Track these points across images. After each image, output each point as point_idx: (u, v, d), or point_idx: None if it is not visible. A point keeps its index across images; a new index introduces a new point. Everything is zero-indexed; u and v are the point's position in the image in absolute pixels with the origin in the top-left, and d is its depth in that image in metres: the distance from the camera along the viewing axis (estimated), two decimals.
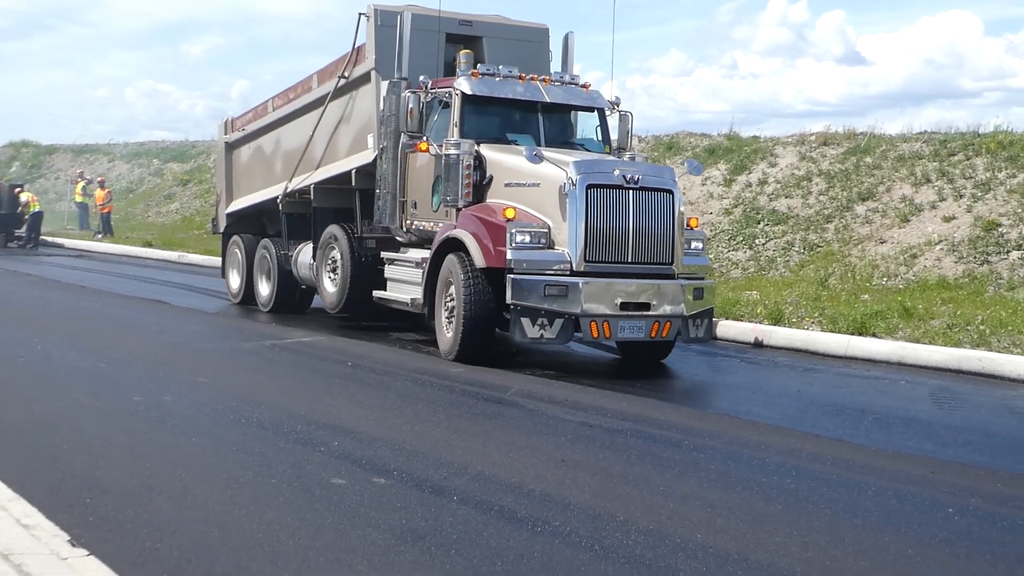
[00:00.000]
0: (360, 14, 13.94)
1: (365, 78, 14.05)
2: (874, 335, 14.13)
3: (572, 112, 13.84)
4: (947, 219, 18.91)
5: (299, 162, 15.60)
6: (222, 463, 7.01)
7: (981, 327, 13.90)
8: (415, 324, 14.46)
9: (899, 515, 6.43)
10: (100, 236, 35.80)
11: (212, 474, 6.70)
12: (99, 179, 39.79)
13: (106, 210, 36.71)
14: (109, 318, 15.49)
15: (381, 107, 13.48)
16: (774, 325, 14.71)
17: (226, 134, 18.62)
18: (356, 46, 14.18)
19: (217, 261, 27.16)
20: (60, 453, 7.10)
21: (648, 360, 12.52)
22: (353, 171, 14.33)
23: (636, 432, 8.56)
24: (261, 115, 17.38)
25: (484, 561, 5.25)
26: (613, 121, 13.97)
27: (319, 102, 15.21)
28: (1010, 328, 13.69)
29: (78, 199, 39.37)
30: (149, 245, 31.82)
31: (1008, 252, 17.43)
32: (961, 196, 19.28)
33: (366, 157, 14.02)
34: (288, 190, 15.88)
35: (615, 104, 13.89)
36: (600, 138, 13.80)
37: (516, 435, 8.37)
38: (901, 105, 68.47)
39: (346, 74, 14.38)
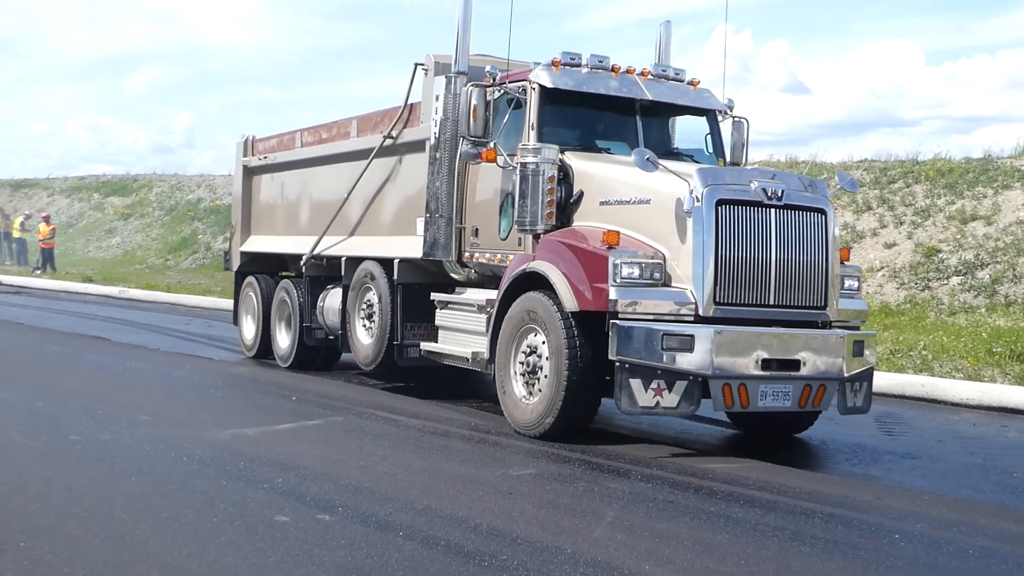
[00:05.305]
0: (416, 65, 11.74)
1: (418, 146, 11.69)
2: None
3: (671, 117, 11.33)
4: (888, 246, 19.18)
5: (331, 221, 13.23)
6: (162, 502, 6.86)
7: (923, 352, 14.07)
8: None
9: (846, 542, 6.44)
10: (39, 272, 35.34)
11: (152, 514, 6.55)
12: (43, 214, 39.39)
13: (48, 245, 36.28)
14: (47, 355, 15.20)
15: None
16: None
17: (245, 156, 16.21)
18: (409, 102, 11.99)
19: (162, 296, 27.29)
20: None
21: (782, 434, 10.14)
22: (396, 261, 11.80)
23: (582, 463, 8.52)
24: (288, 146, 15.17)
25: None
26: (725, 129, 11.43)
27: (359, 155, 12.87)
28: (952, 353, 13.87)
29: (16, 235, 38.91)
30: (89, 280, 31.46)
31: (948, 278, 17.69)
32: (901, 223, 19.57)
33: (414, 248, 11.39)
34: (315, 253, 13.55)
35: (730, 108, 11.30)
36: (711, 149, 11.22)
37: (462, 467, 8.29)
38: (843, 134, 69.61)
39: (393, 134, 12.15)
